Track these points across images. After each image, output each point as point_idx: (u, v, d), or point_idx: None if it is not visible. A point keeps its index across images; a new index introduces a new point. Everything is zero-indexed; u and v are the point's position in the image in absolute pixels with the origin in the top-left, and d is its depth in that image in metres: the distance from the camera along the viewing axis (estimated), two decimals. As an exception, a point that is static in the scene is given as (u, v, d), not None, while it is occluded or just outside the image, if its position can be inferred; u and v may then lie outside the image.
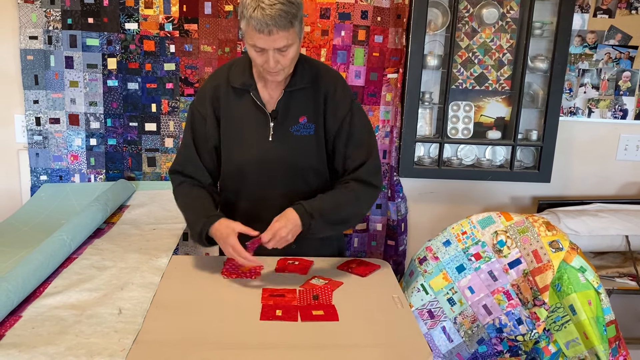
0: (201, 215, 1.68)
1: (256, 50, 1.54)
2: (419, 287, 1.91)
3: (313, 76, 1.70)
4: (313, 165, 1.73)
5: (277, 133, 1.69)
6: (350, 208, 1.72)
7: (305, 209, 1.63)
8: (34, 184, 2.62)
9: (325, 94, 1.70)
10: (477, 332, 1.89)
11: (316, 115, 1.69)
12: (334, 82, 1.72)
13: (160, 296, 1.57)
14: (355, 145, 1.72)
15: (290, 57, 1.56)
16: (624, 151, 2.86)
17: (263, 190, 1.74)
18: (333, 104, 1.70)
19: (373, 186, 1.74)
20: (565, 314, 1.82)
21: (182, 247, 2.72)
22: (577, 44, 2.70)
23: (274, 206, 1.67)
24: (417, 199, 2.86)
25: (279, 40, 1.50)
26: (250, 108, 1.69)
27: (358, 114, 1.73)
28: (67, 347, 1.31)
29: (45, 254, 1.68)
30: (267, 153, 1.69)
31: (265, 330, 1.41)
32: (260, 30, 1.47)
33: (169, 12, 2.52)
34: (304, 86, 1.68)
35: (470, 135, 2.73)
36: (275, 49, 1.52)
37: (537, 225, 1.87)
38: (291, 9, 1.48)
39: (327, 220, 1.66)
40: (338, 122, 1.70)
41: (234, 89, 1.70)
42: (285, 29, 1.48)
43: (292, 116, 1.69)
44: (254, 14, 1.45)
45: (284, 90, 1.67)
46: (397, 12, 2.56)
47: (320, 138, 1.71)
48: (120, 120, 2.61)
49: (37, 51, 2.52)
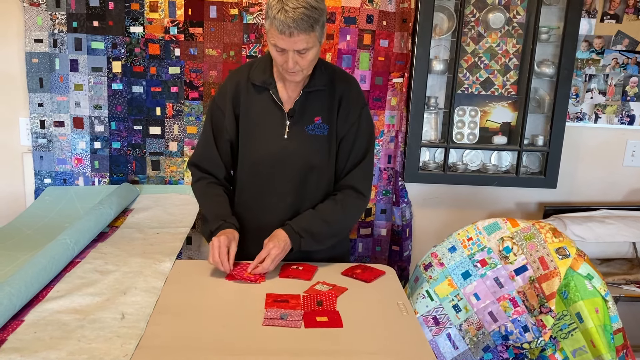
0: (218, 216, 1.76)
1: (277, 50, 1.61)
2: (424, 293, 1.90)
3: (330, 79, 1.77)
4: (324, 164, 1.79)
5: (292, 131, 1.75)
6: (338, 223, 1.80)
7: (293, 229, 1.72)
8: (38, 187, 2.62)
9: (340, 98, 1.77)
10: (482, 339, 1.87)
11: (330, 116, 1.76)
12: (349, 87, 1.79)
13: (164, 301, 1.56)
14: (356, 152, 1.80)
15: (309, 60, 1.62)
16: (631, 157, 2.84)
17: (275, 185, 1.79)
18: (346, 109, 1.77)
19: (361, 194, 1.80)
20: (572, 322, 1.80)
21: (185, 252, 2.72)
22: (584, 49, 2.69)
23: (283, 201, 1.78)
24: (422, 204, 2.84)
25: (299, 42, 1.56)
26: (269, 105, 1.76)
27: (366, 121, 1.81)
28: (69, 352, 1.30)
29: (48, 257, 1.67)
30: (282, 150, 1.75)
31: (268, 336, 1.40)
32: (281, 32, 1.54)
33: (174, 16, 2.52)
34: (321, 88, 1.75)
35: (475, 140, 2.71)
36: (294, 51, 1.58)
37: (544, 231, 1.86)
38: (313, 14, 1.54)
39: (315, 237, 1.75)
40: (347, 127, 1.78)
41: (254, 86, 1.76)
42: (305, 32, 1.54)
43: (308, 116, 1.75)
44: (278, 15, 1.52)
45: (302, 90, 1.74)
46: (402, 17, 2.55)
47: (333, 139, 1.78)
48: (125, 124, 2.60)
49: (42, 54, 2.52)
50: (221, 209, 1.79)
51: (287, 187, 1.79)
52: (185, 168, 2.65)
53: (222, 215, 1.76)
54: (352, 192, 1.80)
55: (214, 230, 1.73)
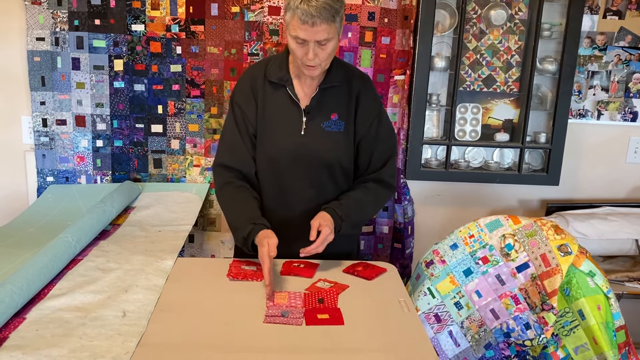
0: (248, 220, 1.70)
1: (297, 42, 1.61)
2: (425, 290, 1.90)
3: (345, 75, 1.79)
4: (341, 160, 1.80)
5: (309, 127, 1.76)
6: (370, 209, 1.87)
7: (336, 212, 1.73)
8: (41, 185, 2.63)
9: (357, 95, 1.79)
10: (484, 336, 1.87)
11: (347, 113, 1.78)
12: (365, 84, 1.82)
13: (165, 299, 1.56)
14: (381, 148, 1.83)
15: (328, 52, 1.64)
16: (634, 154, 2.83)
17: (292, 182, 1.81)
18: (364, 106, 1.79)
19: (391, 187, 1.87)
20: (574, 319, 1.79)
21: (187, 249, 2.72)
22: (586, 45, 2.67)
23: (301, 198, 1.80)
24: (424, 201, 2.84)
25: (321, 32, 1.58)
26: (285, 102, 1.77)
27: (385, 118, 1.85)
28: (70, 350, 1.30)
29: (50, 255, 1.68)
30: (300, 146, 1.77)
31: (270, 333, 1.40)
32: (304, 21, 1.56)
33: (175, 14, 2.52)
34: (337, 84, 1.76)
35: (478, 137, 2.71)
36: (315, 42, 1.60)
37: (546, 228, 1.85)
38: (335, 5, 1.57)
39: (352, 222, 1.78)
40: (367, 124, 1.80)
41: (271, 83, 1.78)
42: (327, 22, 1.57)
43: (324, 112, 1.77)
44: (301, 6, 1.54)
45: (318, 87, 1.75)
46: (404, 14, 2.55)
47: (350, 135, 1.79)
48: (127, 122, 2.61)
49: (44, 52, 2.52)
50: (250, 212, 1.73)
51: (304, 183, 1.80)
52: (186, 165, 2.65)
53: (252, 218, 1.71)
54: (383, 185, 1.84)
55: (247, 236, 1.68)
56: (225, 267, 1.75)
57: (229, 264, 1.76)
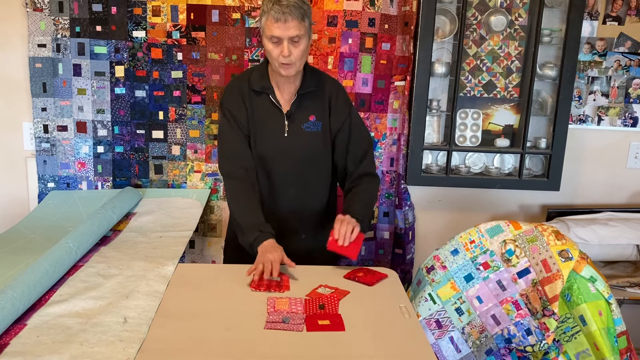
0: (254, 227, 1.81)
1: (273, 42, 1.77)
2: (426, 296, 1.89)
3: (319, 81, 1.96)
4: (320, 155, 1.97)
5: (291, 129, 1.93)
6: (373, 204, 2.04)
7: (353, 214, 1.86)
8: (42, 191, 2.63)
9: (329, 98, 1.96)
10: (485, 342, 1.86)
11: (323, 114, 1.95)
12: (336, 89, 2.00)
13: (166, 305, 1.56)
14: (356, 143, 1.99)
15: (302, 49, 1.79)
16: (635, 159, 2.83)
17: (279, 177, 1.96)
18: (336, 108, 1.96)
19: (375, 176, 2.05)
20: (575, 325, 1.79)
21: (188, 255, 2.72)
22: (586, 51, 2.68)
23: (288, 192, 1.96)
24: (425, 207, 2.84)
25: (293, 28, 1.74)
26: (269, 108, 1.93)
27: (355, 116, 2.02)
28: (71, 356, 1.30)
29: (51, 261, 1.68)
30: (284, 146, 1.93)
31: (270, 339, 1.40)
32: (277, 19, 1.72)
33: (176, 20, 2.53)
34: (313, 89, 1.93)
35: (478, 143, 2.71)
36: (289, 38, 1.75)
37: (547, 234, 1.85)
38: (303, 6, 1.75)
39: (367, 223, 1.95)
40: (340, 123, 1.96)
41: (254, 92, 1.93)
42: (298, 19, 1.74)
43: (303, 115, 1.93)
44: (273, 7, 1.72)
45: (297, 93, 1.92)
46: (404, 20, 2.56)
47: (326, 134, 1.96)
48: (128, 128, 2.61)
49: (45, 59, 2.53)
50: (255, 218, 1.84)
51: (290, 177, 1.96)
52: (187, 171, 2.66)
53: (258, 224, 1.82)
54: (370, 178, 2.01)
55: (253, 242, 1.78)
56: (226, 272, 1.75)
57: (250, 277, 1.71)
